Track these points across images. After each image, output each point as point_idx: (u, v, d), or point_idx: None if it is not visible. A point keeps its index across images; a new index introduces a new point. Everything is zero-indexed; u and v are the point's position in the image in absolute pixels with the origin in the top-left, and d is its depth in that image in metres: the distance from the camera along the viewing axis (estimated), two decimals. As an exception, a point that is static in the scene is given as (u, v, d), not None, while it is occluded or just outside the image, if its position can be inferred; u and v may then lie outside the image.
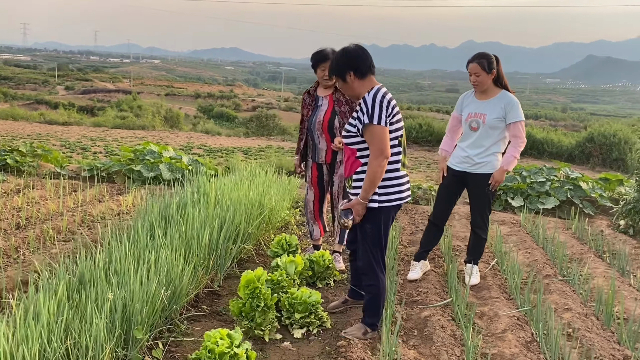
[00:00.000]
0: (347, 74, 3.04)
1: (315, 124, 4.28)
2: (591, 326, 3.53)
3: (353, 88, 3.09)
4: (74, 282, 2.95)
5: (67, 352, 2.44)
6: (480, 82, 3.96)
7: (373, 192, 3.02)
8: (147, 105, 39.22)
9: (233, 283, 4.00)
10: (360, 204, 3.04)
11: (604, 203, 7.15)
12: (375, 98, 3.00)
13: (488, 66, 3.92)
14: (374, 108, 2.97)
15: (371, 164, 2.97)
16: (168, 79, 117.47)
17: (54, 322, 2.47)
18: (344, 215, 3.09)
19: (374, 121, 2.95)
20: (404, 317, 3.58)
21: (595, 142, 19.33)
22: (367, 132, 2.97)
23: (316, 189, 4.51)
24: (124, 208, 5.72)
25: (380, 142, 2.95)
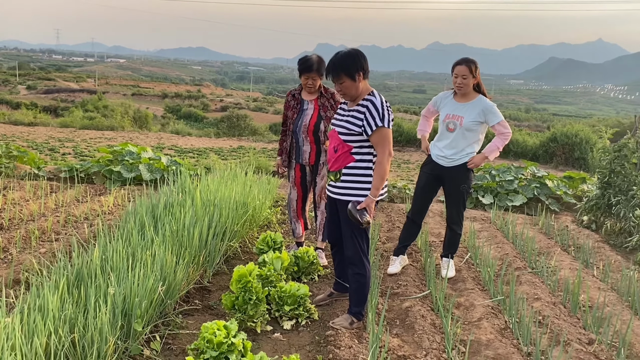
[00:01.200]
0: (357, 74, 3.19)
1: (301, 127, 4.44)
2: (559, 313, 3.80)
3: (358, 87, 3.22)
4: (72, 278, 3.06)
5: (72, 344, 2.55)
6: (465, 85, 4.19)
7: (382, 188, 3.23)
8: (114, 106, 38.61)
9: (222, 279, 4.14)
10: (372, 201, 3.24)
11: (569, 200, 7.53)
12: (383, 102, 3.22)
13: (475, 70, 4.16)
14: (384, 111, 3.18)
15: (381, 163, 3.19)
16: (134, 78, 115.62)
17: (59, 316, 2.57)
18: (362, 214, 3.21)
19: (385, 124, 3.17)
20: (387, 309, 3.78)
21: (558, 142, 20.03)
22: (378, 134, 3.17)
23: (299, 188, 4.67)
24: (106, 208, 5.77)
25: (389, 143, 3.20)
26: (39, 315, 2.49)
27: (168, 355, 2.98)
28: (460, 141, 4.25)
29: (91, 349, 2.55)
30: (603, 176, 6.37)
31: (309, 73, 4.31)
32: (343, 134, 3.27)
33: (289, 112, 4.57)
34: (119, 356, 2.77)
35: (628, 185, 5.99)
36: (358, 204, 3.22)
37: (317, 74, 4.34)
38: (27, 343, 2.34)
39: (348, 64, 3.17)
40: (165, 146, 19.69)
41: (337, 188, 3.34)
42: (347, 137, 3.26)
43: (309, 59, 4.35)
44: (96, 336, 2.58)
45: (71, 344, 2.55)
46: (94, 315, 2.65)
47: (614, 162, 6.23)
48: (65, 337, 2.52)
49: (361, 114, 3.20)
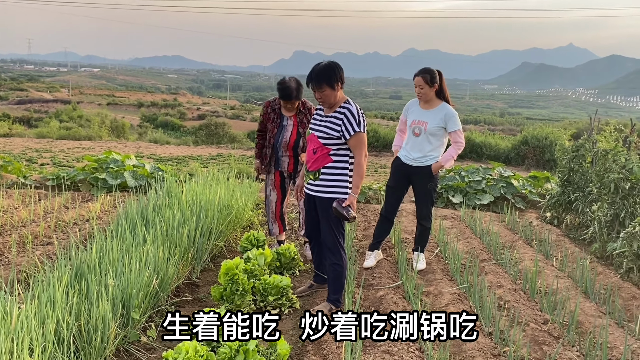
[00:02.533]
0: (336, 84, 3.58)
1: (281, 143, 4.78)
2: (519, 298, 4.19)
3: (335, 96, 3.61)
4: (72, 274, 3.33)
5: (79, 330, 2.84)
6: (424, 94, 4.59)
7: (343, 186, 3.62)
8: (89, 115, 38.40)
9: (209, 275, 4.44)
10: (355, 198, 3.64)
11: (533, 198, 7.99)
12: (359, 110, 3.63)
13: (431, 80, 4.54)
14: (360, 118, 3.59)
15: (361, 164, 3.59)
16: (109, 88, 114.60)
17: (65, 306, 2.85)
18: (346, 211, 3.58)
19: (362, 129, 3.57)
20: (362, 298, 4.13)
21: (529, 145, 20.68)
22: (356, 138, 3.56)
23: (279, 191, 5.00)
24: (93, 214, 6.01)
25: (365, 146, 3.61)
26: (49, 303, 2.77)
27: (163, 341, 3.27)
28: (425, 145, 4.64)
29: (95, 334, 2.83)
30: (563, 175, 6.82)
31: (289, 101, 4.64)
32: (322, 137, 3.63)
33: (268, 125, 4.85)
34: (120, 342, 3.06)
35: (585, 182, 6.45)
36: (343, 202, 3.58)
37: (296, 100, 4.66)
38: (40, 327, 2.62)
39: (329, 74, 3.55)
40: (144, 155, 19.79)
41: (316, 186, 3.69)
42: (326, 141, 3.62)
43: (287, 87, 4.61)
44: (99, 323, 2.87)
45: (77, 330, 2.83)
46: (96, 305, 2.93)
47: (573, 162, 6.70)
48: (73, 324, 2.80)
49: (339, 120, 3.57)
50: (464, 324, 2.84)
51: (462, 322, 2.84)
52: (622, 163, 5.49)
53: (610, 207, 5.49)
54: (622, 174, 5.37)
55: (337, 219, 3.66)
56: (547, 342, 3.44)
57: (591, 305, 4.14)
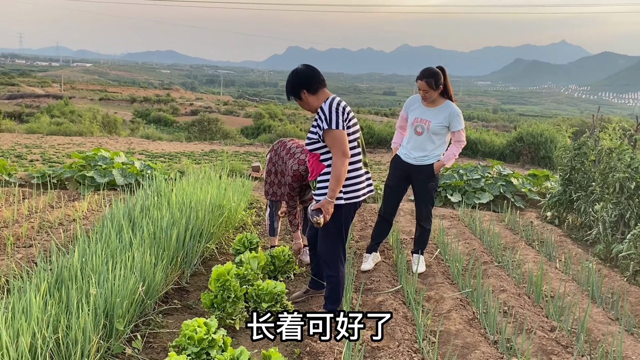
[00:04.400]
0: (301, 92, 3.38)
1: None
2: (523, 304, 4.01)
3: (309, 103, 3.41)
4: (52, 281, 3.12)
5: (57, 343, 2.62)
6: (428, 97, 4.38)
7: (339, 190, 3.34)
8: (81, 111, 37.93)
9: (199, 280, 4.23)
10: (329, 203, 3.34)
11: (533, 197, 7.82)
12: (332, 106, 3.33)
13: (435, 84, 4.32)
14: (332, 114, 3.30)
15: (335, 164, 3.28)
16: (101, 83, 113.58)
17: (42, 317, 2.64)
18: (315, 214, 3.37)
19: (332, 126, 3.28)
20: (361, 303, 3.93)
21: (524, 142, 20.52)
22: (328, 136, 3.30)
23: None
24: (80, 214, 5.78)
25: (340, 144, 3.28)
26: (23, 316, 2.55)
27: (150, 353, 3.06)
28: (427, 144, 4.44)
29: (75, 348, 2.62)
30: (564, 173, 6.65)
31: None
32: (308, 144, 3.44)
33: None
34: (102, 355, 2.85)
35: (587, 181, 6.28)
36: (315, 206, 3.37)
37: None
38: (12, 343, 2.40)
39: (290, 87, 3.41)
40: (136, 151, 19.47)
41: (317, 195, 3.47)
42: (311, 147, 3.42)
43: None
44: (80, 335, 2.65)
45: (55, 343, 2.61)
46: (76, 315, 2.72)
47: (574, 160, 6.53)
48: (50, 337, 2.59)
49: (316, 122, 3.36)
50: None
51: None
52: (627, 162, 5.32)
53: (614, 207, 5.32)
54: (627, 173, 5.20)
55: (335, 227, 3.44)
56: (555, 351, 3.27)
57: (599, 310, 3.98)
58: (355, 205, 3.49)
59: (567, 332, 3.58)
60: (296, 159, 4.40)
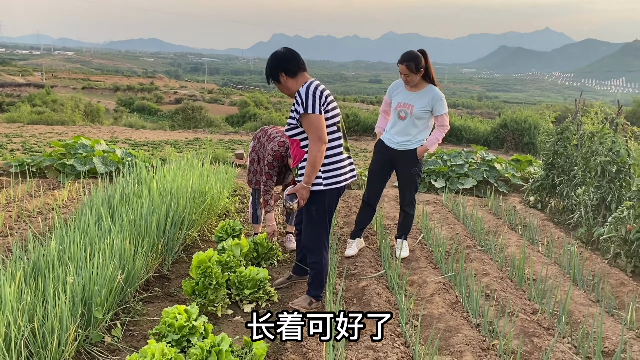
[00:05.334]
0: (279, 75, 3.31)
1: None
2: (506, 287, 4.03)
3: (288, 87, 3.34)
4: (28, 270, 3.05)
5: (32, 333, 2.57)
6: (410, 81, 4.34)
7: (315, 176, 3.29)
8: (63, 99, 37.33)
9: (181, 267, 4.18)
10: (304, 189, 3.30)
11: (516, 182, 7.86)
12: (309, 90, 3.26)
13: (416, 67, 4.28)
14: (308, 99, 3.23)
15: (311, 149, 3.24)
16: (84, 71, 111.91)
17: (17, 307, 2.58)
18: (289, 200, 3.34)
19: (309, 110, 3.22)
20: (344, 289, 3.92)
21: (508, 128, 20.66)
22: (304, 121, 3.24)
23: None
24: (60, 202, 5.69)
25: (317, 129, 3.22)
26: (-2, 305, 2.50)
27: (130, 341, 3.02)
28: (411, 128, 4.42)
29: (51, 337, 2.57)
30: (547, 158, 6.69)
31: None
32: (287, 130, 3.39)
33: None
34: (80, 344, 2.80)
35: (570, 165, 6.32)
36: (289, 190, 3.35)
37: None
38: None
39: (269, 70, 3.34)
40: (119, 139, 19.25)
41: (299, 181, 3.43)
42: (290, 132, 3.37)
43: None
44: (56, 324, 2.60)
45: (31, 333, 2.56)
46: (53, 304, 2.67)
47: (557, 144, 6.55)
48: (25, 326, 2.53)
49: (294, 107, 3.31)
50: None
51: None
52: (608, 146, 5.35)
53: (596, 190, 5.36)
54: (609, 156, 5.23)
55: (318, 213, 3.41)
56: (537, 333, 3.28)
57: (580, 293, 4.01)
58: (338, 190, 3.45)
59: (548, 314, 3.60)
60: (276, 142, 4.38)
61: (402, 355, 2.97)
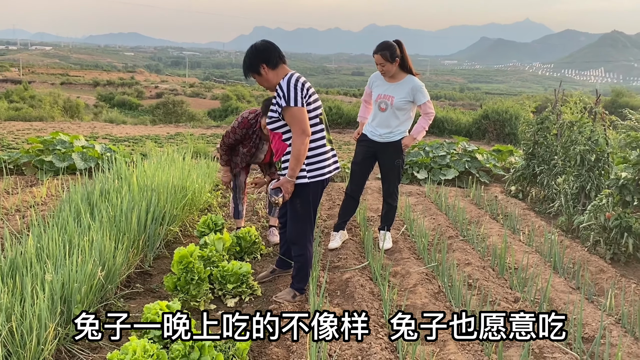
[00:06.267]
0: (260, 67, 3.26)
1: (254, 161, 4.66)
2: (488, 276, 4.06)
3: (268, 79, 3.30)
4: (5, 269, 3.00)
5: (10, 332, 2.53)
6: (387, 71, 4.35)
7: (299, 169, 3.27)
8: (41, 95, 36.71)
9: (163, 263, 4.15)
10: (288, 182, 3.28)
11: (497, 172, 7.93)
12: (290, 82, 3.23)
13: (391, 56, 4.28)
14: (289, 91, 3.20)
15: (294, 142, 3.21)
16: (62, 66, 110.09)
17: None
18: (274, 194, 3.31)
19: (291, 103, 3.19)
20: (328, 281, 3.92)
21: (490, 119, 20.79)
22: (287, 114, 3.22)
23: (246, 169, 4.74)
24: (38, 199, 5.60)
25: (300, 122, 3.19)
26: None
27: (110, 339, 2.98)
28: (392, 120, 4.42)
29: (30, 336, 2.53)
30: (527, 147, 6.74)
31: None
32: (269, 123, 3.35)
33: (245, 141, 4.53)
34: (60, 342, 2.76)
35: (550, 155, 6.38)
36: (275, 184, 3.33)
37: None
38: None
39: (249, 62, 3.29)
40: (99, 135, 18.98)
41: (282, 175, 3.40)
42: (272, 126, 3.34)
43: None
44: (35, 323, 2.56)
45: (9, 332, 2.52)
46: (31, 302, 2.62)
47: (537, 134, 6.61)
48: (3, 326, 2.49)
49: (275, 100, 3.27)
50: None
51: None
52: (587, 135, 5.41)
53: (576, 179, 5.42)
54: (587, 145, 5.29)
55: (302, 206, 3.39)
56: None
57: (560, 280, 4.06)
58: (322, 183, 3.44)
59: (530, 302, 3.64)
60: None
61: (385, 346, 2.98)
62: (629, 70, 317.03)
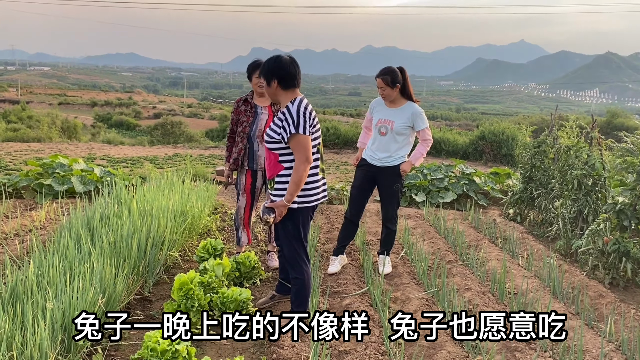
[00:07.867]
0: (271, 80, 3.29)
1: (256, 131, 4.46)
2: (488, 301, 4.07)
3: (275, 94, 3.34)
4: (5, 296, 3.00)
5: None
6: (387, 95, 4.43)
7: (297, 194, 3.30)
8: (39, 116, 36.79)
9: (162, 289, 4.14)
10: (284, 206, 3.30)
11: (495, 195, 7.96)
12: (300, 109, 3.26)
13: (392, 81, 4.37)
14: (299, 119, 3.23)
15: (297, 169, 3.23)
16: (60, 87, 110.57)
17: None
18: (267, 213, 3.32)
19: (300, 131, 3.22)
20: (327, 307, 3.92)
21: (487, 140, 20.89)
22: (294, 140, 3.24)
23: (248, 196, 4.60)
24: (37, 224, 5.60)
25: (305, 150, 3.23)
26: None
27: (111, 367, 2.98)
28: (392, 144, 4.48)
29: (31, 366, 2.52)
30: (525, 171, 6.79)
31: (258, 70, 4.26)
32: (267, 142, 3.35)
33: (241, 117, 4.52)
34: (61, 371, 2.75)
35: (547, 178, 6.42)
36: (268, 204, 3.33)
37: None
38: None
39: (265, 70, 3.31)
40: (97, 156, 19.01)
41: (274, 196, 3.41)
42: (270, 146, 3.34)
43: (256, 60, 4.42)
44: (35, 352, 2.56)
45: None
46: (32, 331, 2.62)
47: (534, 158, 6.66)
48: (3, 355, 2.48)
49: (280, 121, 3.28)
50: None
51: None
52: (584, 159, 5.45)
53: (573, 203, 5.45)
54: (584, 170, 5.33)
55: (294, 229, 3.40)
56: (519, 348, 3.32)
57: (560, 305, 4.06)
58: (313, 208, 3.46)
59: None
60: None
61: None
62: (623, 91, 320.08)
